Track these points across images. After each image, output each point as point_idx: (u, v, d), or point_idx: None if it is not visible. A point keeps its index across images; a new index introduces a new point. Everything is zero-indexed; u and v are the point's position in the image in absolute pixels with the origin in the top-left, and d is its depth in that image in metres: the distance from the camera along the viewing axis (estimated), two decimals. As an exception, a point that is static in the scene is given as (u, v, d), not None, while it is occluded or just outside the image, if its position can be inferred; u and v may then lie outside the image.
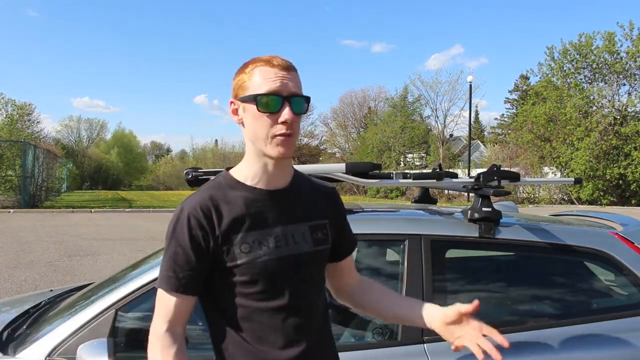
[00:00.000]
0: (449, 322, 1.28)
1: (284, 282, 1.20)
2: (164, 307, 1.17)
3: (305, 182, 1.32)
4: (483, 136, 50.78)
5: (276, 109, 1.14)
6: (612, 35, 25.90)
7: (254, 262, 1.16)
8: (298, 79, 1.19)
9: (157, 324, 1.18)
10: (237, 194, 1.20)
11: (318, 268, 1.28)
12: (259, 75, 1.15)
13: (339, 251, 1.38)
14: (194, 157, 54.46)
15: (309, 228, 1.25)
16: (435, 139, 36.07)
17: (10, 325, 2.18)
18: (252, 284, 1.17)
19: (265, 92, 1.14)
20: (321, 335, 1.28)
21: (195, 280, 1.17)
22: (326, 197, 1.34)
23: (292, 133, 1.16)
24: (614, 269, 2.06)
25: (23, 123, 26.94)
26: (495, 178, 2.12)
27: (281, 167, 1.22)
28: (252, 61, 1.18)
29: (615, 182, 25.30)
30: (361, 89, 56.33)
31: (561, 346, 1.85)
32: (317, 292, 1.27)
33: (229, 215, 1.17)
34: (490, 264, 2.37)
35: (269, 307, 1.18)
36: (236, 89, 1.20)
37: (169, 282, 1.16)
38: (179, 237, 1.17)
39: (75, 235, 10.99)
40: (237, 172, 1.25)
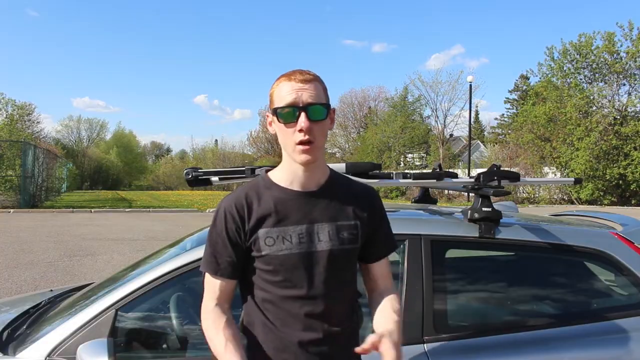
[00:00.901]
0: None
1: (303, 275, 1.32)
2: (210, 286, 1.37)
3: (343, 184, 1.43)
4: (483, 136, 50.79)
5: (293, 119, 1.28)
6: (612, 35, 25.91)
7: (276, 254, 1.31)
8: (318, 89, 1.31)
9: (207, 301, 1.37)
10: (270, 193, 1.35)
11: (343, 265, 1.36)
12: (281, 90, 1.30)
13: (368, 253, 1.44)
14: (194, 157, 54.50)
15: (336, 227, 1.35)
16: (435, 139, 36.08)
17: (10, 325, 2.18)
18: (274, 273, 1.32)
19: (283, 105, 1.28)
20: (343, 327, 1.36)
21: (232, 266, 1.35)
22: (362, 199, 1.42)
23: (313, 140, 1.28)
24: (614, 269, 2.07)
25: (23, 123, 26.99)
26: (495, 178, 2.12)
27: (311, 171, 1.34)
28: (279, 77, 1.33)
29: (615, 182, 25.30)
30: (361, 89, 56.37)
31: (561, 346, 1.85)
32: (339, 288, 1.36)
33: (258, 211, 1.33)
34: (490, 264, 2.37)
35: (289, 295, 1.32)
36: (269, 103, 1.35)
37: (210, 266, 1.36)
38: (218, 229, 1.35)
39: (75, 235, 10.99)
40: (274, 174, 1.40)
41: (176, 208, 19.30)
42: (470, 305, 2.07)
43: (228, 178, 2.13)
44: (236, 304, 1.41)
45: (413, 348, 1.82)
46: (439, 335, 1.84)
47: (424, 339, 1.83)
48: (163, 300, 1.99)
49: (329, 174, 1.40)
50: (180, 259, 1.91)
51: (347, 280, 1.39)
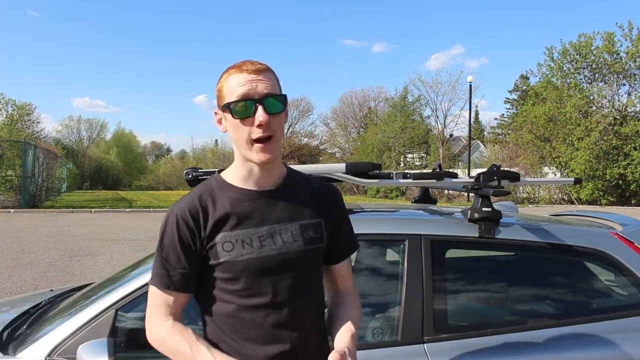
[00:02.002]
0: None
1: (267, 281, 1.21)
2: (161, 303, 1.23)
3: (301, 181, 1.33)
4: (483, 136, 50.78)
5: (249, 113, 1.16)
6: (612, 35, 25.91)
7: (236, 260, 1.20)
8: (272, 79, 1.20)
9: (160, 318, 1.22)
10: (225, 195, 1.24)
11: (308, 267, 1.27)
12: (231, 83, 1.18)
13: (331, 254, 1.35)
14: (194, 157, 54.44)
15: (300, 227, 1.25)
16: (435, 139, 36.07)
17: (10, 325, 2.18)
18: (235, 281, 1.20)
19: (236, 99, 1.16)
20: (311, 335, 1.26)
21: (186, 279, 1.22)
22: (321, 195, 1.33)
23: (272, 135, 1.18)
24: (614, 269, 2.07)
25: (23, 123, 27.00)
26: (495, 178, 2.12)
27: (268, 170, 1.25)
28: (226, 70, 1.22)
29: (615, 182, 25.29)
30: (361, 89, 56.38)
31: (561, 346, 1.85)
32: (306, 291, 1.26)
33: (215, 215, 1.21)
34: (490, 264, 2.37)
35: (251, 304, 1.21)
36: (217, 98, 1.24)
37: (161, 279, 1.22)
38: (169, 238, 1.22)
39: (75, 235, 10.99)
40: (227, 174, 1.28)
41: (176, 208, 19.25)
42: (470, 305, 2.07)
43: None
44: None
45: (413, 348, 1.82)
46: (439, 335, 1.84)
47: (424, 339, 1.83)
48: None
49: (286, 171, 1.30)
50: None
51: (313, 283, 1.29)
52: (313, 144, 49.46)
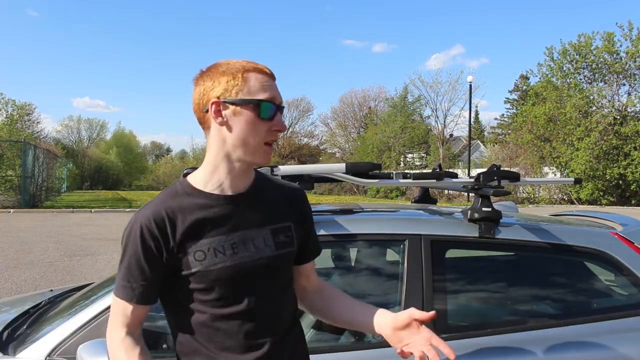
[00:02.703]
0: (399, 327, 1.24)
1: (242, 289, 1.18)
2: (120, 314, 1.19)
3: (268, 184, 1.30)
4: (483, 136, 50.79)
5: (271, 115, 1.16)
6: (612, 35, 25.92)
7: (209, 269, 1.15)
8: None
9: (116, 329, 1.19)
10: (193, 201, 1.18)
11: (282, 271, 1.25)
12: (256, 81, 1.15)
13: (302, 255, 1.35)
14: (194, 157, 54.48)
15: (271, 232, 1.22)
16: (435, 139, 36.08)
17: (10, 325, 2.18)
18: (208, 291, 1.16)
19: (265, 99, 1.14)
20: (286, 341, 1.25)
21: (149, 290, 1.17)
22: (290, 198, 1.31)
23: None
24: (614, 269, 2.06)
25: (23, 123, 26.99)
26: (495, 178, 2.12)
27: (246, 172, 1.22)
28: (243, 64, 1.16)
29: (615, 182, 25.30)
30: (361, 89, 56.47)
31: (561, 346, 1.85)
32: (281, 296, 1.25)
33: (184, 224, 1.15)
34: (490, 264, 2.37)
35: (226, 313, 1.17)
36: (222, 91, 1.15)
37: (124, 291, 1.17)
38: (133, 249, 1.15)
39: (75, 235, 10.99)
40: (194, 178, 1.22)
41: (176, 208, 19.27)
42: (470, 305, 2.07)
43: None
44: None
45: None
46: (438, 335, 1.84)
47: (424, 339, 1.83)
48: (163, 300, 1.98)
49: (254, 175, 1.26)
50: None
51: (287, 286, 1.28)
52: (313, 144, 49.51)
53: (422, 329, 1.22)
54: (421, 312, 1.22)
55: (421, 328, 1.22)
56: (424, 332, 1.22)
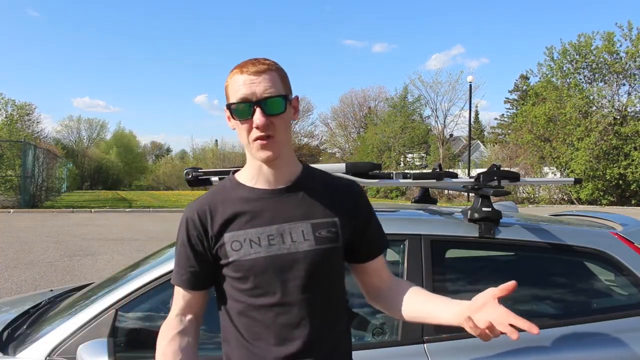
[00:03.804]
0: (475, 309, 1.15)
1: (277, 280, 1.20)
2: (175, 298, 1.30)
3: (317, 179, 1.30)
4: (483, 136, 50.79)
5: (248, 115, 1.17)
6: (612, 35, 25.93)
7: (243, 259, 1.20)
8: (274, 79, 1.18)
9: (171, 311, 1.30)
10: (236, 194, 1.25)
11: (322, 266, 1.23)
12: (233, 84, 1.19)
13: (360, 252, 1.33)
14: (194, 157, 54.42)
15: (312, 226, 1.23)
16: (435, 139, 36.08)
17: (10, 325, 2.18)
18: (244, 280, 1.21)
19: (235, 101, 1.18)
20: (325, 336, 1.24)
21: (195, 277, 1.26)
22: (340, 193, 1.29)
23: (272, 135, 1.17)
24: (614, 269, 2.06)
25: (23, 123, 26.99)
26: (495, 178, 2.12)
27: (277, 167, 1.23)
28: (232, 69, 1.22)
29: (615, 182, 25.30)
30: (361, 89, 56.44)
31: (561, 346, 1.85)
32: (319, 292, 1.23)
33: (224, 215, 1.23)
34: (490, 264, 2.37)
35: (261, 303, 1.21)
36: (225, 97, 1.24)
37: (175, 278, 1.28)
38: (181, 239, 1.27)
39: (75, 235, 10.99)
40: (240, 174, 1.30)
41: (176, 208, 19.29)
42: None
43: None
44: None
45: (413, 348, 1.82)
46: (439, 335, 1.84)
47: (424, 338, 1.83)
48: (163, 300, 1.98)
49: (300, 169, 1.28)
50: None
51: (328, 284, 1.26)
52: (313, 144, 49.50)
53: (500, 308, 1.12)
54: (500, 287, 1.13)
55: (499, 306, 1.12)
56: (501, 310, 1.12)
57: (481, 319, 1.13)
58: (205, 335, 1.83)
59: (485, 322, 1.12)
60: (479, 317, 1.14)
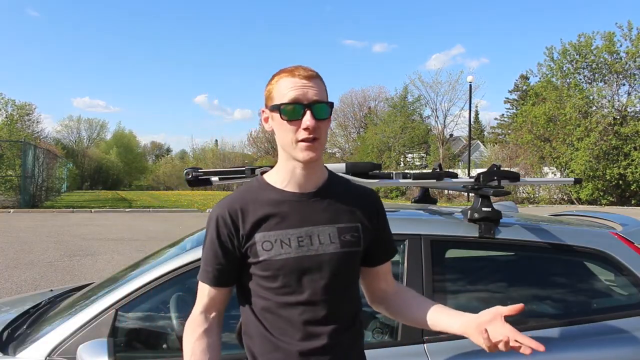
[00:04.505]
0: (484, 323, 1.29)
1: (304, 280, 1.27)
2: (200, 294, 1.34)
3: (341, 185, 1.38)
4: (483, 136, 50.79)
5: (298, 116, 1.22)
6: (612, 35, 25.92)
7: (274, 259, 1.25)
8: (321, 86, 1.26)
9: (195, 307, 1.34)
10: (266, 196, 1.30)
11: (345, 269, 1.31)
12: (283, 86, 1.24)
13: (374, 257, 1.41)
14: (194, 157, 54.50)
15: (337, 230, 1.30)
16: (435, 139, 36.09)
17: (10, 325, 2.18)
18: (273, 279, 1.26)
19: (287, 102, 1.22)
20: (344, 335, 1.31)
21: (222, 274, 1.31)
22: (362, 200, 1.37)
23: (317, 137, 1.23)
24: (614, 269, 2.06)
25: (23, 123, 26.97)
26: (495, 178, 2.12)
27: (310, 171, 1.29)
28: (278, 73, 1.28)
29: (615, 182, 25.29)
30: (361, 89, 56.44)
31: (561, 346, 1.85)
32: (341, 293, 1.31)
33: (254, 215, 1.28)
34: (490, 264, 2.37)
35: (288, 301, 1.27)
36: (266, 99, 1.30)
37: (202, 274, 1.33)
38: (210, 236, 1.31)
39: (75, 235, 10.99)
40: (269, 176, 1.34)
41: (176, 208, 19.31)
42: (470, 305, 2.06)
43: (228, 178, 2.13)
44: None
45: (413, 348, 1.82)
46: (439, 335, 1.84)
47: (424, 339, 1.83)
48: (163, 300, 1.98)
49: (327, 175, 1.36)
50: (180, 259, 1.91)
51: (349, 284, 1.34)
52: (313, 144, 49.32)
53: (506, 325, 1.26)
54: (508, 307, 1.27)
55: (505, 324, 1.26)
56: (507, 328, 1.26)
57: (492, 332, 1.26)
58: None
59: (499, 335, 1.25)
60: (489, 330, 1.26)
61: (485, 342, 1.27)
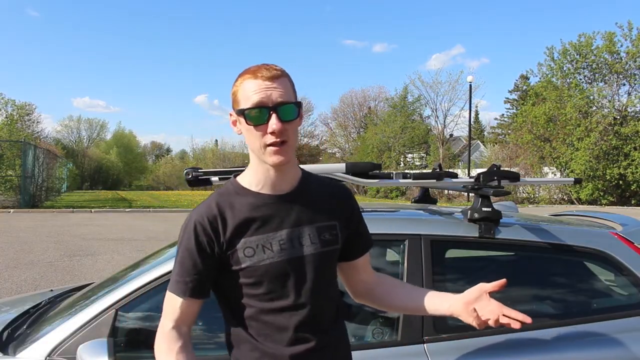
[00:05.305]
0: (471, 301, 1.33)
1: (289, 284, 1.24)
2: (171, 308, 1.25)
3: (315, 183, 1.35)
4: (483, 136, 50.80)
5: (263, 120, 1.17)
6: (612, 35, 25.93)
7: (258, 265, 1.21)
8: (286, 86, 1.20)
9: (165, 323, 1.26)
10: (243, 200, 1.25)
11: (326, 268, 1.30)
12: (246, 88, 1.19)
13: (353, 251, 1.40)
14: (194, 157, 54.43)
15: (316, 230, 1.28)
16: (435, 139, 36.08)
17: (10, 325, 2.18)
18: (257, 285, 1.22)
19: (251, 106, 1.18)
20: (331, 333, 1.30)
21: (201, 284, 1.24)
22: (336, 197, 1.36)
23: (285, 140, 1.19)
24: (614, 269, 2.06)
25: (23, 123, 26.98)
26: (495, 178, 2.12)
27: (284, 173, 1.25)
28: (242, 74, 1.22)
29: (615, 182, 25.30)
30: (361, 89, 56.47)
31: (561, 346, 1.85)
32: (325, 292, 1.30)
33: (234, 221, 1.23)
34: (490, 264, 2.37)
35: (274, 307, 1.23)
36: (232, 102, 1.24)
37: (176, 286, 1.24)
38: (187, 244, 1.23)
39: (75, 235, 10.99)
40: (243, 178, 1.30)
41: (176, 208, 19.30)
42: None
43: (228, 178, 2.12)
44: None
45: (413, 348, 1.82)
46: (439, 335, 1.84)
47: (424, 338, 1.83)
48: (163, 300, 1.98)
49: (300, 174, 1.32)
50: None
51: (330, 283, 1.33)
52: (313, 144, 49.53)
53: (492, 301, 1.30)
54: (491, 284, 1.29)
55: (491, 300, 1.30)
56: (494, 303, 1.30)
57: (477, 310, 1.30)
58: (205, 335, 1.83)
59: (487, 312, 1.29)
60: (474, 309, 1.30)
61: (475, 321, 1.29)
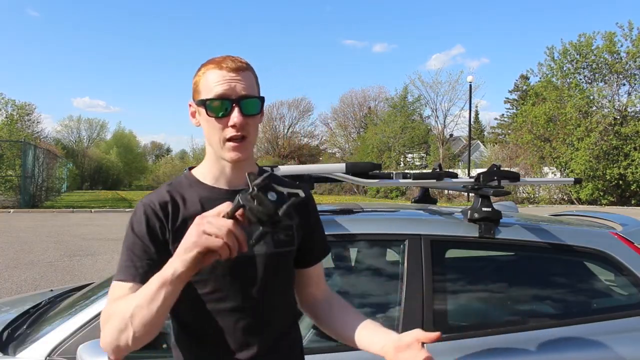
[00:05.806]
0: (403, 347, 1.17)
1: (236, 284, 1.17)
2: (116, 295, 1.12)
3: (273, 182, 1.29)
4: (483, 136, 50.79)
5: (225, 113, 1.13)
6: (612, 35, 25.93)
7: None
8: (251, 79, 1.17)
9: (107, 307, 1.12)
10: (195, 192, 1.20)
11: (280, 270, 1.23)
12: (209, 79, 1.14)
13: (307, 257, 1.33)
14: (194, 157, 54.49)
15: None
16: (435, 139, 36.08)
17: (10, 325, 2.18)
18: (203, 283, 1.16)
19: (213, 97, 1.13)
20: (282, 338, 1.24)
21: (152, 270, 1.08)
22: None
23: (245, 135, 1.15)
24: (614, 269, 2.07)
25: (23, 123, 26.98)
26: (495, 178, 2.12)
27: (240, 169, 1.20)
28: (205, 63, 1.17)
29: (615, 182, 25.29)
30: (361, 89, 56.49)
31: (561, 346, 1.85)
32: (279, 296, 1.23)
33: (183, 212, 1.16)
34: (490, 264, 2.37)
35: (220, 308, 1.17)
36: (192, 91, 1.19)
37: (127, 271, 1.12)
38: (137, 229, 1.15)
39: (75, 235, 11.00)
40: (198, 171, 1.24)
41: (176, 208, 19.26)
42: (470, 305, 2.07)
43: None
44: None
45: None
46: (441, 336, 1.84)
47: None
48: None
49: (257, 171, 1.24)
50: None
51: (284, 286, 1.26)
52: (313, 144, 49.58)
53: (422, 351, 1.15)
54: (427, 334, 1.17)
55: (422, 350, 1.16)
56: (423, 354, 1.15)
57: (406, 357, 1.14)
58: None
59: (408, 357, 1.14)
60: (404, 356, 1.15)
61: None
